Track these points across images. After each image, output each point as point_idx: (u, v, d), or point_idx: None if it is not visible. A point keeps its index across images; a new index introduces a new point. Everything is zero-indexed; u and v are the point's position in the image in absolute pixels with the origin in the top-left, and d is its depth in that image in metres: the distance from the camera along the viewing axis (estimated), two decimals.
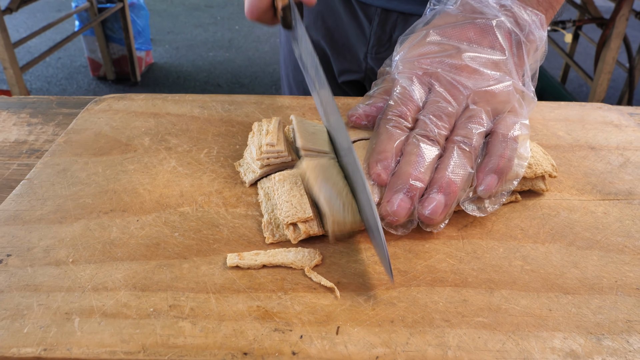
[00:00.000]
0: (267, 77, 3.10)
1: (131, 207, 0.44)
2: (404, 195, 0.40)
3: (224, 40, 3.62)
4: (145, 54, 3.10)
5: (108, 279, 0.38)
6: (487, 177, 0.43)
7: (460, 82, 0.45)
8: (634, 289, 0.38)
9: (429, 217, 0.40)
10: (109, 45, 2.90)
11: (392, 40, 0.71)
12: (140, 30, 3.01)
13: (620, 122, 0.58)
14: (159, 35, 3.66)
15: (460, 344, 0.34)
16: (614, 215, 0.45)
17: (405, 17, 0.69)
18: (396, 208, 0.40)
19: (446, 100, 0.45)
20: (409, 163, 0.42)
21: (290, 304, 0.36)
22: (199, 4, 4.37)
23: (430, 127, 0.43)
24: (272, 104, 0.60)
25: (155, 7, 4.20)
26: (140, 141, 0.53)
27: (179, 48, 3.47)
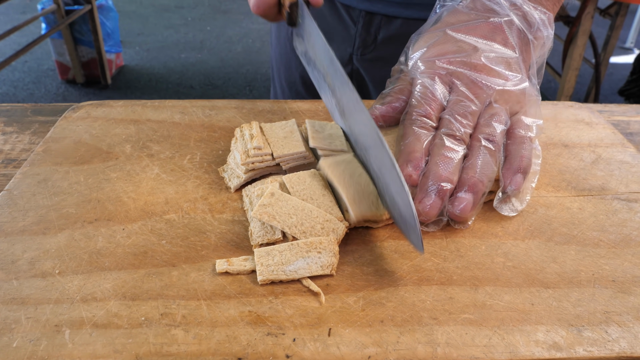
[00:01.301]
0: (240, 78, 3.08)
1: (116, 216, 0.44)
2: (435, 196, 0.42)
3: (196, 42, 3.58)
4: (115, 57, 3.04)
5: (97, 289, 0.37)
6: (515, 176, 0.45)
7: (481, 81, 0.47)
8: (610, 281, 0.39)
9: (460, 215, 0.42)
10: (77, 48, 2.84)
11: (377, 41, 0.72)
12: (110, 33, 2.96)
13: (591, 119, 0.60)
14: (129, 37, 3.60)
15: (449, 340, 0.35)
16: (588, 210, 0.47)
17: (389, 19, 0.70)
18: (428, 209, 0.42)
19: (469, 99, 0.46)
20: (438, 164, 0.43)
21: (282, 307, 0.37)
22: (169, 5, 4.31)
23: (456, 126, 0.45)
24: (253, 108, 0.60)
25: (125, 9, 4.13)
26: (121, 149, 0.53)
27: (150, 50, 3.42)
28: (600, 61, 2.17)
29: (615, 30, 2.28)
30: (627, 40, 3.65)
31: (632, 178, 0.51)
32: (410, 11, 0.69)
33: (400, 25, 0.70)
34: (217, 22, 3.97)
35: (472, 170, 0.43)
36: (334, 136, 0.50)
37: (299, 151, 0.48)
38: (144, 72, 3.12)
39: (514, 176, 0.45)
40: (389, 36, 0.71)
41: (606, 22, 2.36)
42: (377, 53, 0.73)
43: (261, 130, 0.51)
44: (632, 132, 0.63)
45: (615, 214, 0.46)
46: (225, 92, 2.91)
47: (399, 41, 0.71)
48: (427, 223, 0.44)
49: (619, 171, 0.52)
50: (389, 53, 0.72)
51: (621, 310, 0.37)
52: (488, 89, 0.47)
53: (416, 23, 0.69)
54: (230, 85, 2.99)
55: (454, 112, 0.45)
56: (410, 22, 0.69)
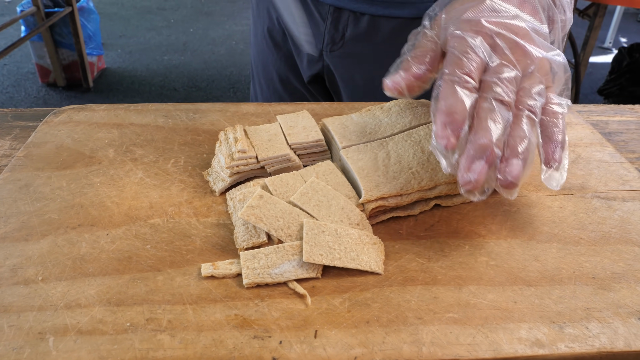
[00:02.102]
0: (224, 80, 3.07)
1: (100, 221, 0.44)
2: (485, 163, 0.40)
3: (179, 44, 3.56)
4: (97, 59, 3.01)
5: (81, 295, 0.37)
6: (557, 149, 0.43)
7: (525, 47, 0.44)
8: (591, 278, 0.40)
9: (512, 182, 0.40)
10: (58, 51, 2.80)
11: (345, 38, 0.73)
12: (91, 35, 2.93)
13: (570, 119, 0.62)
14: (111, 40, 3.57)
15: (434, 339, 0.35)
16: (569, 209, 0.47)
17: (357, 16, 0.70)
18: (477, 176, 0.39)
19: (513, 64, 0.43)
20: (487, 129, 0.40)
21: (268, 310, 0.37)
22: (151, 6, 4.28)
23: (505, 90, 0.42)
24: (237, 111, 0.60)
25: (106, 11, 4.09)
26: (104, 153, 0.52)
27: (132, 52, 3.40)
28: (580, 61, 2.21)
29: (593, 30, 2.32)
30: (605, 40, 3.71)
31: (611, 177, 0.52)
32: (376, 7, 0.69)
33: (367, 22, 0.71)
34: (200, 23, 3.96)
35: (520, 137, 0.41)
36: (308, 127, 0.52)
37: (283, 154, 0.49)
38: (127, 75, 3.09)
39: (555, 150, 0.43)
40: (357, 33, 0.72)
41: (585, 22, 2.40)
42: (346, 50, 0.73)
43: (246, 133, 0.51)
44: (610, 131, 0.64)
45: (595, 212, 0.47)
46: (209, 94, 2.90)
47: (366, 39, 0.72)
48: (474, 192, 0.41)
49: (598, 170, 0.53)
50: (357, 50, 0.73)
51: (601, 307, 0.38)
52: (531, 56, 0.44)
53: (383, 20, 0.70)
54: (214, 87, 2.98)
55: (501, 75, 0.42)
56: (377, 19, 0.70)
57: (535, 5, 0.47)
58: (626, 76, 2.55)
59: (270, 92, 0.87)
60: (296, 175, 0.46)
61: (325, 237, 0.40)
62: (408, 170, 0.46)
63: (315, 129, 0.52)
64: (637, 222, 0.46)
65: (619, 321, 0.37)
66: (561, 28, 0.50)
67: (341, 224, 0.42)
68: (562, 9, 0.49)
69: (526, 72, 0.44)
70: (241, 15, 4.15)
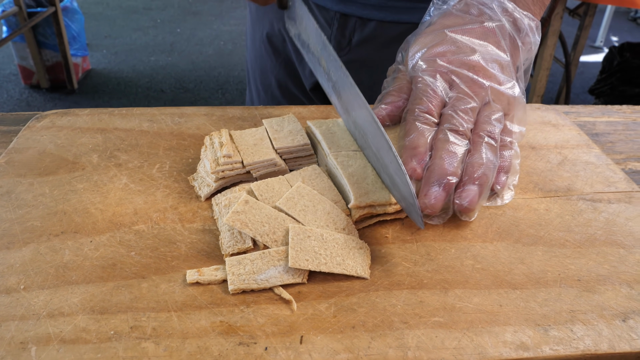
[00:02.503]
0: (212, 81, 3.06)
1: (83, 228, 0.43)
2: (440, 189, 0.43)
3: (166, 44, 3.54)
4: (81, 60, 2.98)
5: (64, 303, 0.37)
6: (499, 176, 0.48)
7: (479, 80, 0.48)
8: (576, 280, 0.41)
9: (468, 207, 0.44)
10: (41, 52, 2.77)
11: (352, 44, 0.72)
12: (75, 35, 2.90)
13: (557, 121, 0.62)
14: (96, 40, 3.54)
15: (419, 344, 0.35)
16: (555, 211, 0.48)
17: (364, 21, 0.70)
18: (433, 201, 0.43)
19: (469, 96, 0.47)
20: (443, 158, 0.44)
21: (253, 316, 0.36)
22: (137, 6, 4.25)
23: (459, 122, 0.46)
24: (223, 115, 0.60)
25: (91, 11, 4.05)
26: (88, 158, 0.52)
27: (118, 53, 3.37)
28: (571, 60, 2.23)
29: (584, 29, 2.34)
30: (596, 39, 3.74)
31: (597, 178, 0.52)
32: (384, 14, 0.69)
33: (374, 27, 0.71)
34: (188, 24, 3.93)
35: (478, 163, 0.45)
36: (294, 131, 0.51)
37: (269, 158, 0.48)
38: (112, 76, 3.06)
39: (500, 176, 0.47)
40: (364, 39, 0.72)
41: (575, 22, 2.42)
42: (352, 55, 0.73)
43: (231, 137, 0.50)
44: (597, 132, 0.65)
45: (581, 214, 0.47)
46: (197, 96, 2.89)
47: (373, 44, 0.72)
48: (432, 216, 0.45)
49: (584, 172, 0.53)
50: (364, 56, 0.73)
51: (586, 309, 0.38)
52: (486, 88, 0.48)
53: (390, 26, 0.70)
54: (202, 89, 2.97)
55: (456, 108, 0.47)
56: (384, 24, 0.70)
57: (496, 34, 0.51)
58: (617, 75, 2.57)
59: (268, 98, 0.86)
60: (282, 180, 0.46)
61: (311, 242, 0.40)
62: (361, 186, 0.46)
63: (301, 132, 0.52)
64: (623, 223, 0.46)
65: (603, 323, 0.37)
66: (527, 51, 0.53)
67: (327, 228, 0.42)
68: (526, 33, 0.53)
69: (483, 102, 0.48)
70: (229, 15, 4.13)
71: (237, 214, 0.42)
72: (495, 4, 0.52)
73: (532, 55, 0.54)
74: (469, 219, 0.45)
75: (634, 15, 4.29)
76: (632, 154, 0.61)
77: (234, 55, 3.41)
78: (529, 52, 0.53)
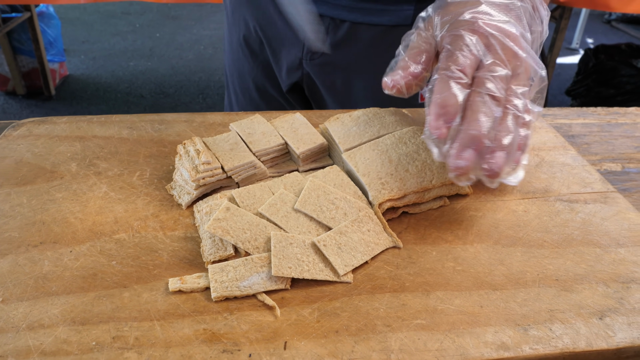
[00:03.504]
0: (192, 86, 3.04)
1: (63, 238, 0.43)
2: (473, 152, 0.42)
3: (145, 49, 3.51)
4: (58, 66, 2.94)
5: (44, 315, 0.36)
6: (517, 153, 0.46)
7: (515, 50, 0.47)
8: (554, 280, 0.41)
9: (497, 172, 0.43)
10: (17, 58, 2.72)
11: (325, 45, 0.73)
12: (52, 41, 2.86)
13: (534, 124, 0.63)
14: (73, 46, 3.49)
15: (402, 346, 0.35)
16: (533, 212, 0.49)
17: (336, 23, 0.71)
18: (467, 163, 0.42)
19: (505, 63, 0.46)
20: (479, 121, 0.43)
21: (237, 323, 0.36)
22: (115, 10, 4.20)
23: (497, 87, 0.45)
24: (203, 121, 0.59)
25: (67, 16, 4.00)
26: (66, 167, 0.51)
27: (96, 58, 3.33)
28: (548, 62, 2.27)
29: (560, 32, 2.38)
30: (572, 41, 3.81)
31: (573, 180, 0.53)
32: (354, 15, 0.70)
33: (347, 29, 0.71)
34: (167, 28, 3.90)
35: (507, 131, 0.44)
36: (267, 133, 0.52)
37: (249, 161, 0.49)
38: (91, 82, 3.03)
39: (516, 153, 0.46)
40: (337, 41, 0.72)
41: (552, 24, 2.47)
42: (327, 58, 0.74)
43: (205, 145, 0.50)
44: (573, 134, 0.66)
45: (558, 214, 0.48)
46: (178, 101, 2.87)
47: (347, 47, 0.72)
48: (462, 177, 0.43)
49: (561, 173, 0.54)
50: (338, 58, 0.73)
51: (564, 308, 0.39)
52: (520, 59, 0.47)
53: (362, 27, 0.70)
54: (183, 94, 2.95)
55: (493, 73, 0.45)
56: (357, 26, 0.71)
57: (520, 14, 0.50)
58: (592, 77, 2.62)
59: (247, 101, 0.86)
60: (263, 186, 0.46)
61: (294, 249, 0.40)
62: (378, 181, 0.46)
63: (274, 133, 0.52)
64: (598, 223, 0.47)
65: (581, 322, 0.38)
66: (537, 38, 0.53)
67: (309, 235, 0.42)
68: (540, 21, 0.52)
69: (515, 73, 0.47)
70: (209, 19, 4.11)
71: (218, 221, 0.42)
72: None
73: (540, 43, 0.53)
74: (492, 186, 0.45)
75: (608, 17, 4.39)
76: (606, 154, 0.63)
77: (214, 60, 3.40)
78: (539, 40, 0.53)
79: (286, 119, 0.55)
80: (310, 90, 0.79)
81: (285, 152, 0.52)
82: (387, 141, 0.50)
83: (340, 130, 0.52)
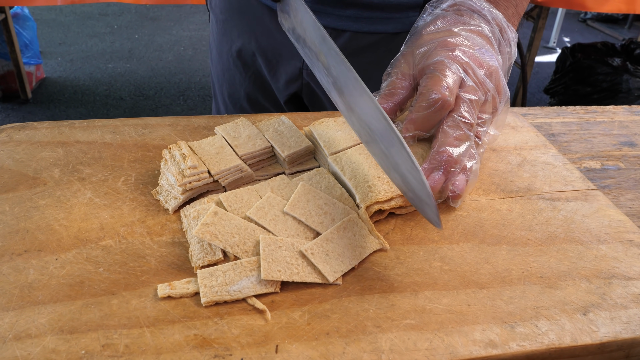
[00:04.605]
0: (173, 87, 3.01)
1: (47, 246, 0.42)
2: (441, 174, 0.47)
3: (124, 51, 3.47)
4: (35, 69, 2.88)
5: (31, 325, 0.36)
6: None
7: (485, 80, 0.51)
8: (539, 277, 0.42)
9: (459, 194, 0.47)
10: None
11: None
12: (28, 43, 2.80)
13: (515, 123, 0.64)
14: (50, 48, 3.43)
15: (393, 347, 0.36)
16: (516, 211, 0.49)
17: (338, 32, 0.70)
18: (434, 184, 0.46)
19: (479, 88, 0.50)
20: (450, 144, 0.47)
21: (228, 328, 0.36)
22: (92, 12, 4.14)
23: (470, 113, 0.49)
24: (188, 125, 0.59)
25: (43, 17, 3.93)
26: (49, 173, 0.50)
27: (74, 60, 3.28)
28: (526, 62, 2.30)
29: (538, 31, 2.43)
30: (550, 40, 3.88)
31: (555, 178, 0.54)
32: (360, 24, 0.69)
33: (348, 38, 0.71)
34: (146, 29, 3.86)
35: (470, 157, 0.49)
36: (252, 136, 0.52)
37: (235, 165, 0.49)
38: (68, 85, 2.98)
39: None
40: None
41: (530, 24, 2.52)
42: None
43: (190, 149, 0.50)
44: (553, 133, 0.67)
45: (541, 213, 0.49)
46: (158, 103, 2.84)
47: (347, 55, 0.72)
48: None
49: (543, 172, 0.55)
50: None
51: (549, 305, 0.40)
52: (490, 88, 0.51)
53: (364, 36, 0.70)
54: (163, 96, 2.92)
55: (471, 96, 0.49)
56: (358, 35, 0.70)
57: (491, 39, 0.53)
58: (570, 75, 2.67)
59: (237, 111, 0.85)
60: (251, 190, 0.46)
61: (283, 253, 0.40)
62: (365, 184, 0.47)
63: (259, 136, 0.52)
64: (580, 221, 0.49)
65: (565, 318, 0.39)
66: (506, 60, 0.55)
67: (298, 237, 0.42)
68: (509, 43, 0.55)
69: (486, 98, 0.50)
70: (189, 20, 4.08)
71: (206, 226, 0.41)
72: (486, 12, 0.54)
73: (510, 64, 0.57)
74: (455, 206, 0.49)
75: (584, 16, 4.47)
76: (586, 152, 0.64)
77: (194, 61, 3.37)
78: (508, 61, 0.56)
79: (271, 122, 0.55)
80: (309, 100, 0.78)
81: (271, 155, 0.53)
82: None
83: (325, 134, 0.53)
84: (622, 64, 2.47)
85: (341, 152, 0.50)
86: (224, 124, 0.54)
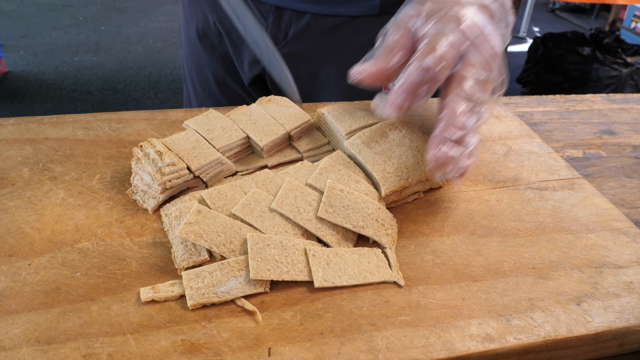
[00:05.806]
0: (143, 80, 2.94)
1: (19, 251, 0.40)
2: (450, 149, 0.42)
3: (90, 43, 3.36)
4: None
5: (4, 336, 0.33)
6: None
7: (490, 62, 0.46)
8: (531, 268, 0.42)
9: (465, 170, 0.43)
10: None
11: (288, 37, 0.71)
12: None
13: (499, 113, 0.64)
14: (11, 40, 3.30)
15: (389, 345, 0.35)
16: (505, 201, 0.49)
17: (299, 15, 0.69)
18: (443, 159, 0.42)
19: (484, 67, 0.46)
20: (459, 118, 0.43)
21: (217, 331, 0.35)
22: (56, 3, 4.00)
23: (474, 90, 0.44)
24: (164, 119, 0.57)
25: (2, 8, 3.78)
26: (17, 173, 0.47)
27: (37, 54, 3.16)
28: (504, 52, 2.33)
29: None
30: (519, 30, 3.93)
31: (541, 167, 0.54)
32: (320, 7, 0.68)
33: (309, 21, 0.70)
34: (113, 21, 3.76)
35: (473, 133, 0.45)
36: (226, 128, 0.50)
37: (215, 158, 0.47)
38: (32, 79, 2.87)
39: None
40: (299, 32, 0.71)
41: None
42: (289, 49, 0.72)
43: (165, 145, 0.48)
44: (535, 122, 0.67)
45: (529, 203, 0.49)
46: (128, 97, 2.76)
47: (309, 36, 0.71)
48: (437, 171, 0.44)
49: (529, 161, 0.55)
50: (300, 49, 0.72)
51: (543, 296, 0.39)
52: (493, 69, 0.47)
53: (325, 19, 0.69)
54: (133, 89, 2.84)
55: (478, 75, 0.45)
56: (319, 17, 0.69)
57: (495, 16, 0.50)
58: (541, 65, 2.71)
59: (206, 95, 0.83)
60: (235, 186, 0.44)
61: (271, 251, 0.38)
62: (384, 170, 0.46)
63: (234, 127, 0.50)
64: (568, 210, 0.48)
65: (560, 309, 0.38)
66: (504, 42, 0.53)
67: (286, 234, 0.41)
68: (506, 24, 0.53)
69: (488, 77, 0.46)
70: (157, 11, 3.98)
71: (190, 225, 0.39)
72: None
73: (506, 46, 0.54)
74: (457, 183, 0.48)
75: (552, 7, 4.55)
76: (568, 141, 0.64)
77: (164, 53, 3.30)
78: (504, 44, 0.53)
79: (243, 112, 0.53)
80: (272, 83, 0.77)
81: (247, 146, 0.51)
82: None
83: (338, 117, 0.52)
84: (591, 53, 2.52)
85: (355, 135, 0.49)
86: (194, 117, 0.52)
